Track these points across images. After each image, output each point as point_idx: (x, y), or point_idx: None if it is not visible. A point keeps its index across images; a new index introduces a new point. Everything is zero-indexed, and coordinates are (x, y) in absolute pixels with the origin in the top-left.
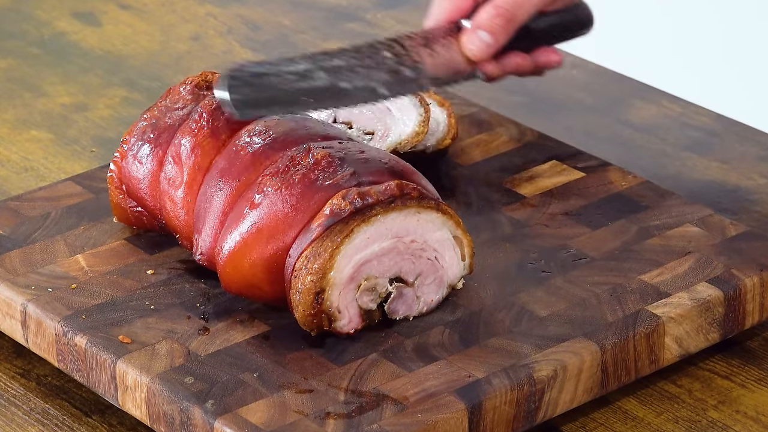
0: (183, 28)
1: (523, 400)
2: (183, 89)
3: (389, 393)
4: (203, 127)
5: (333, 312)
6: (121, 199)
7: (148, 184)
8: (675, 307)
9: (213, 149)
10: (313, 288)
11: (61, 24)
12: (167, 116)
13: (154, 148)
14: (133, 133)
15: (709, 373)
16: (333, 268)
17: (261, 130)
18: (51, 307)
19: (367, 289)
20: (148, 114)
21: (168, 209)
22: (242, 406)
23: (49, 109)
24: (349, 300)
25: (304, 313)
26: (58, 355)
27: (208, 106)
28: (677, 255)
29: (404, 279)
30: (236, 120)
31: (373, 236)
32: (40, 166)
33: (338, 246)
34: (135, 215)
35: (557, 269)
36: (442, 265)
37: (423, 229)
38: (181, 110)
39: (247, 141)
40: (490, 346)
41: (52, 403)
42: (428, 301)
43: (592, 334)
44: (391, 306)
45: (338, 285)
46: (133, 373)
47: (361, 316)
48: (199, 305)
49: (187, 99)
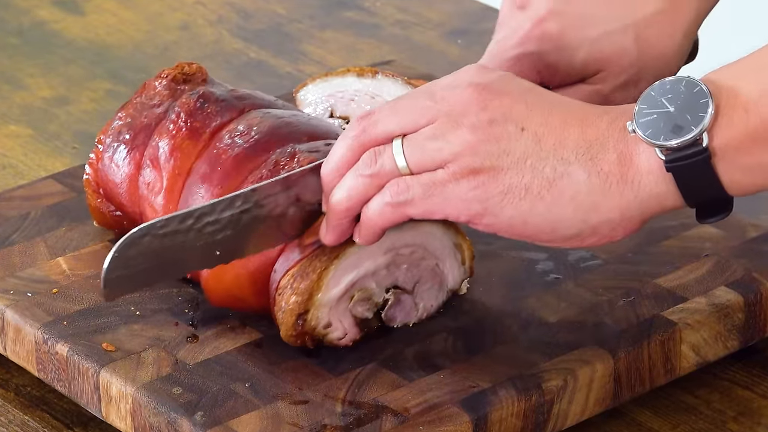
0: (170, 16)
1: (531, 412)
2: (159, 84)
3: (389, 404)
4: (181, 128)
5: (319, 330)
6: (100, 203)
7: (126, 188)
8: (692, 313)
9: (192, 152)
10: (296, 309)
11: (41, 12)
12: (143, 114)
13: (130, 150)
14: (109, 132)
15: (729, 383)
16: (320, 290)
17: (243, 131)
18: (30, 313)
19: (361, 300)
20: (123, 112)
21: (148, 216)
22: (233, 418)
23: (28, 103)
24: (342, 311)
25: (286, 332)
26: (38, 364)
27: (186, 105)
28: (694, 257)
29: (401, 287)
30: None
31: (363, 254)
32: (18, 163)
33: (327, 267)
34: (115, 219)
35: (567, 273)
36: (442, 271)
37: (423, 239)
38: (157, 107)
39: (228, 143)
40: (496, 355)
41: (32, 414)
42: (428, 306)
43: (604, 341)
44: (388, 313)
45: (326, 305)
46: (118, 383)
47: (357, 325)
48: (188, 311)
49: (164, 95)
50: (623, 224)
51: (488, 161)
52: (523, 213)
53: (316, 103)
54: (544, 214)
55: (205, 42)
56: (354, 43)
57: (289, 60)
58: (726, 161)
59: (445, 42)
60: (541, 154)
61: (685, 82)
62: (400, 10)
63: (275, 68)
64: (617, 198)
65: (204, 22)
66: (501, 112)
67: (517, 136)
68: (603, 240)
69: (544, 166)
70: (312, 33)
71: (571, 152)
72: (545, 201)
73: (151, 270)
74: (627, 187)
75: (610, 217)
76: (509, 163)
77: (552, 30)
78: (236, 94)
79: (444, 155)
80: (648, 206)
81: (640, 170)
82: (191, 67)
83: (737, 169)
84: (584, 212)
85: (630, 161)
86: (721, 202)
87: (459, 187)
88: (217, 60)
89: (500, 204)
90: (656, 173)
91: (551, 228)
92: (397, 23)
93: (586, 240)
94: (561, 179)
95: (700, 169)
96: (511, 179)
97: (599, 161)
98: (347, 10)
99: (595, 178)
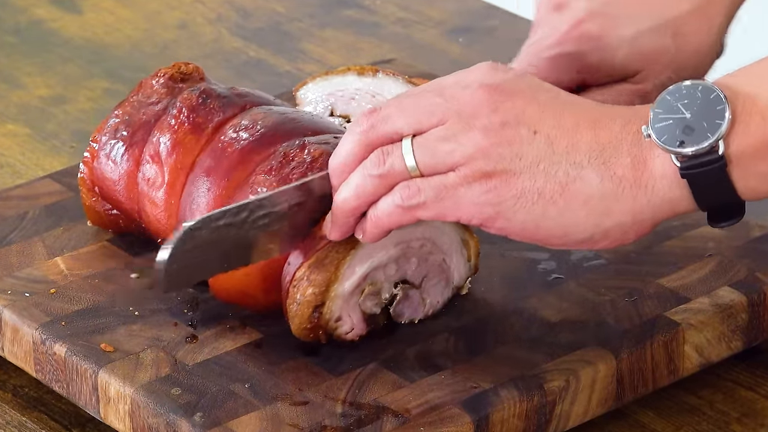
0: (169, 15)
1: (533, 413)
2: (156, 82)
3: (390, 405)
4: (183, 123)
5: (331, 324)
6: (95, 201)
7: (125, 185)
8: (695, 314)
9: (195, 146)
10: (313, 301)
11: (38, 11)
12: (141, 112)
13: (129, 147)
14: (104, 131)
15: (732, 384)
16: (337, 281)
17: (247, 125)
18: (28, 314)
19: (371, 294)
20: (120, 110)
21: (148, 212)
22: (233, 418)
23: (25, 102)
24: (352, 306)
25: (300, 325)
26: (36, 365)
27: (188, 101)
28: (698, 257)
29: (410, 281)
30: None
31: (377, 246)
32: (16, 162)
33: (344, 258)
34: (110, 218)
35: (569, 272)
36: (449, 266)
37: (432, 232)
38: (155, 105)
39: (233, 137)
40: (497, 355)
41: (30, 415)
42: (434, 302)
43: (606, 341)
44: (396, 309)
45: (340, 297)
46: (116, 383)
47: (365, 321)
48: (187, 311)
49: (162, 93)
50: (635, 228)
51: (501, 165)
52: (536, 217)
53: (316, 101)
54: (557, 218)
55: (204, 41)
56: (354, 42)
57: (289, 59)
58: (741, 168)
59: (446, 40)
60: (553, 158)
61: (702, 88)
62: (401, 8)
63: (275, 67)
64: (630, 202)
65: (203, 21)
66: (513, 114)
67: (530, 139)
68: (614, 243)
69: (557, 170)
70: (312, 31)
71: (584, 156)
72: (558, 205)
73: (206, 262)
74: (640, 191)
75: (622, 221)
76: (522, 167)
77: (591, 30)
78: (236, 91)
79: (455, 158)
80: (660, 210)
81: (654, 175)
82: (188, 66)
83: (752, 176)
84: (597, 216)
85: (644, 165)
86: (734, 206)
87: (471, 191)
88: (216, 59)
89: (513, 208)
90: (670, 178)
91: (563, 232)
92: (397, 21)
93: (598, 243)
94: (574, 183)
95: (715, 176)
96: (523, 183)
97: (612, 165)
98: (347, 8)
99: (608, 182)
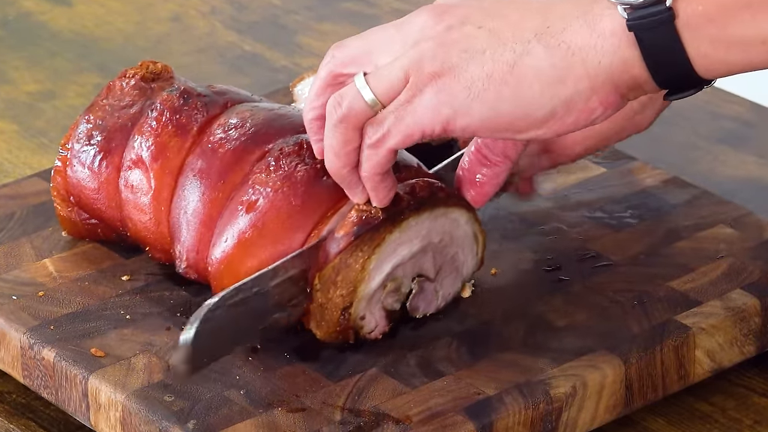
0: (161, 7)
1: (538, 420)
2: (126, 84)
3: (390, 412)
4: (167, 125)
5: (357, 323)
6: (70, 211)
7: (105, 194)
8: (707, 317)
9: (181, 149)
10: (341, 303)
11: (27, 3)
12: (116, 116)
13: (107, 154)
14: (76, 137)
15: (745, 390)
16: (364, 280)
17: (236, 123)
18: (16, 317)
19: (392, 290)
20: (90, 114)
21: (134, 219)
22: (227, 426)
23: (13, 98)
24: (374, 303)
25: (329, 330)
26: (24, 370)
27: (168, 102)
28: (709, 259)
29: (425, 275)
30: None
31: (402, 241)
32: (3, 160)
33: (370, 256)
34: (88, 228)
35: (576, 275)
36: (461, 259)
37: (450, 226)
38: (129, 108)
39: (223, 136)
40: (501, 360)
41: (17, 422)
42: (446, 295)
43: (614, 346)
44: (412, 303)
45: (367, 296)
46: (107, 390)
47: (386, 317)
48: (180, 315)
49: (134, 95)
50: (597, 95)
51: (447, 63)
52: (491, 103)
53: None
54: (513, 99)
55: (198, 34)
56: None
57: (285, 53)
58: (692, 29)
59: None
60: (498, 42)
61: None
62: (400, 0)
63: (270, 61)
64: (581, 66)
65: (196, 14)
66: (457, 18)
67: (475, 34)
68: (582, 117)
69: (502, 52)
70: (309, 25)
71: (530, 33)
72: (510, 85)
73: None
74: (590, 52)
75: (579, 88)
76: (467, 59)
77: None
78: (214, 89)
79: (405, 69)
80: (616, 73)
81: (604, 33)
82: (156, 65)
83: (705, 41)
84: (551, 87)
85: (593, 27)
86: (693, 83)
87: (424, 98)
88: (209, 53)
89: (467, 101)
90: (619, 35)
91: (524, 112)
92: (395, 13)
93: (565, 119)
94: (521, 59)
95: (663, 32)
96: (471, 72)
97: (559, 34)
98: (345, 0)
99: (555, 50)
